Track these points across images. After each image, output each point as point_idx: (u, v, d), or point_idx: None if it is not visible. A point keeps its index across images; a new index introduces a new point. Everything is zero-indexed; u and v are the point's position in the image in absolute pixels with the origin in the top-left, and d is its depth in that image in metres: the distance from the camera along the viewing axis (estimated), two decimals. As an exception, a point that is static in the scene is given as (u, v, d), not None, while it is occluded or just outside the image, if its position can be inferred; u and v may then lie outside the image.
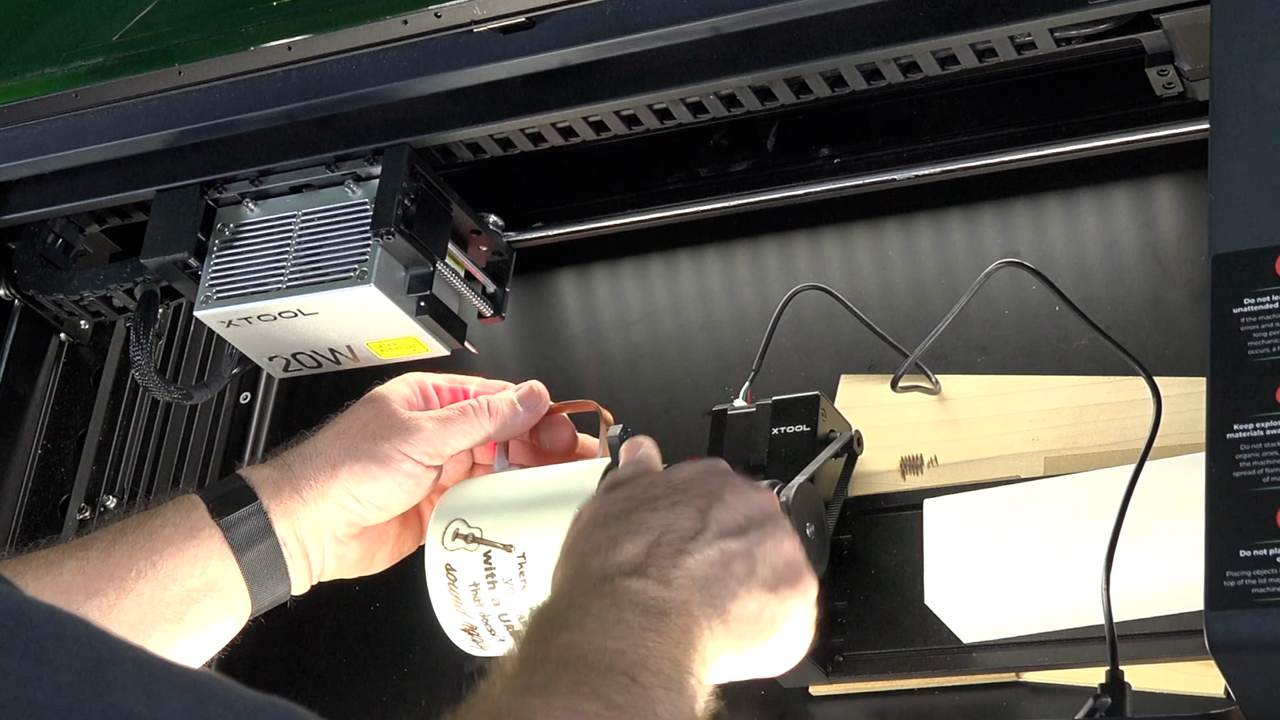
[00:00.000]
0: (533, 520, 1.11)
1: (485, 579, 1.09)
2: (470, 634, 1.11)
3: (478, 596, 1.09)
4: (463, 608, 1.10)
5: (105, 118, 1.48)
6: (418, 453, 1.14)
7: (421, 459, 1.14)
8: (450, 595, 1.10)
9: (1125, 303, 1.33)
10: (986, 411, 1.32)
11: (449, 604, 1.11)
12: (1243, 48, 1.04)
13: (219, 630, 1.13)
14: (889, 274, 1.45)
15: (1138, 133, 1.33)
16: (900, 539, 1.26)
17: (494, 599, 1.09)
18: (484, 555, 1.10)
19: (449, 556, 1.11)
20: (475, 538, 1.10)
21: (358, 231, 1.38)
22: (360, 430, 1.15)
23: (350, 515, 1.14)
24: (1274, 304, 0.96)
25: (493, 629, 1.10)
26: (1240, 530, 0.91)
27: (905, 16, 1.25)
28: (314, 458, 1.15)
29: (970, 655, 1.21)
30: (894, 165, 1.40)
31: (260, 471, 1.15)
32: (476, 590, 1.09)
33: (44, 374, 1.64)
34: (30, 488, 1.61)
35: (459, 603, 1.10)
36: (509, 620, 1.09)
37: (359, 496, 1.14)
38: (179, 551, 1.10)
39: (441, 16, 1.33)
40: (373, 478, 1.14)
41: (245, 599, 1.13)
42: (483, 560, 1.10)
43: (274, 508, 1.13)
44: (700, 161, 1.49)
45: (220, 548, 1.11)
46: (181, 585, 1.10)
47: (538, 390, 1.20)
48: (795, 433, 1.27)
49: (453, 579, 1.10)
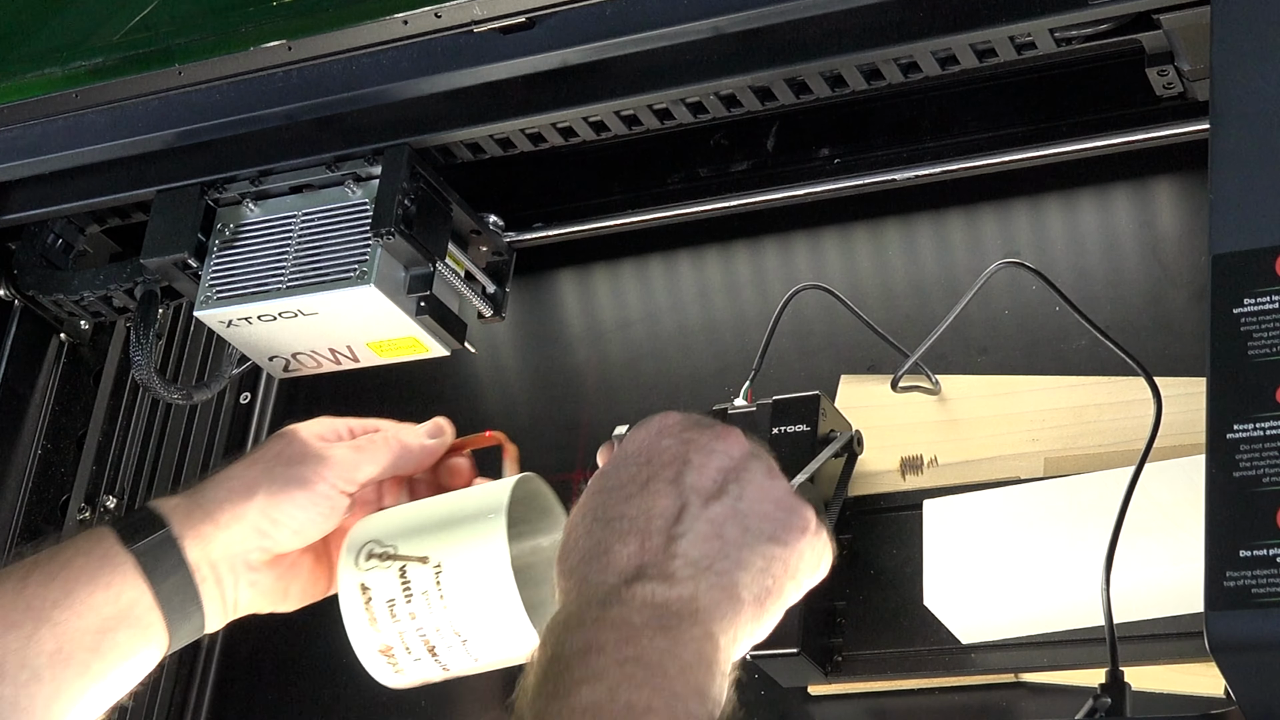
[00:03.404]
0: (447, 533, 1.11)
1: (402, 594, 1.09)
2: (386, 655, 1.10)
3: (394, 613, 1.09)
4: (379, 626, 1.10)
5: (105, 118, 1.48)
6: (333, 476, 1.14)
7: (336, 482, 1.14)
8: (366, 614, 1.10)
9: (1125, 303, 1.33)
10: (986, 411, 1.32)
11: (364, 624, 1.10)
12: (1243, 48, 1.04)
13: (138, 661, 1.11)
14: (889, 274, 1.45)
15: (1138, 133, 1.33)
16: (900, 539, 1.26)
17: (410, 613, 1.08)
18: (399, 570, 1.09)
19: (363, 576, 1.10)
20: (390, 555, 1.10)
21: (358, 231, 1.38)
22: (275, 457, 1.16)
23: (265, 540, 1.14)
24: (1274, 304, 0.96)
25: (409, 647, 1.09)
26: (1240, 530, 0.91)
27: (905, 16, 1.25)
28: (228, 482, 1.14)
29: (970, 656, 1.21)
30: (894, 165, 1.40)
31: (170, 500, 1.15)
32: (393, 606, 1.09)
33: (44, 374, 1.64)
34: (30, 488, 1.61)
35: (375, 621, 1.09)
36: (426, 636, 1.09)
37: (275, 518, 1.14)
38: (92, 580, 1.09)
39: (441, 16, 1.33)
40: (290, 499, 1.14)
41: (162, 627, 1.11)
42: (398, 575, 1.09)
43: (186, 533, 1.12)
44: (700, 161, 1.49)
45: (133, 575, 1.10)
46: (97, 614, 1.09)
47: (442, 423, 1.21)
48: (795, 432, 1.28)
49: (368, 597, 1.10)
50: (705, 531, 0.93)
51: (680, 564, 0.92)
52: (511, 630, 1.08)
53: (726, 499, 0.95)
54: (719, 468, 0.96)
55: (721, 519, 0.94)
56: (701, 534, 0.93)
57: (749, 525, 0.95)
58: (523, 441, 1.53)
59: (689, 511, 0.94)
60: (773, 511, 0.96)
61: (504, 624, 1.08)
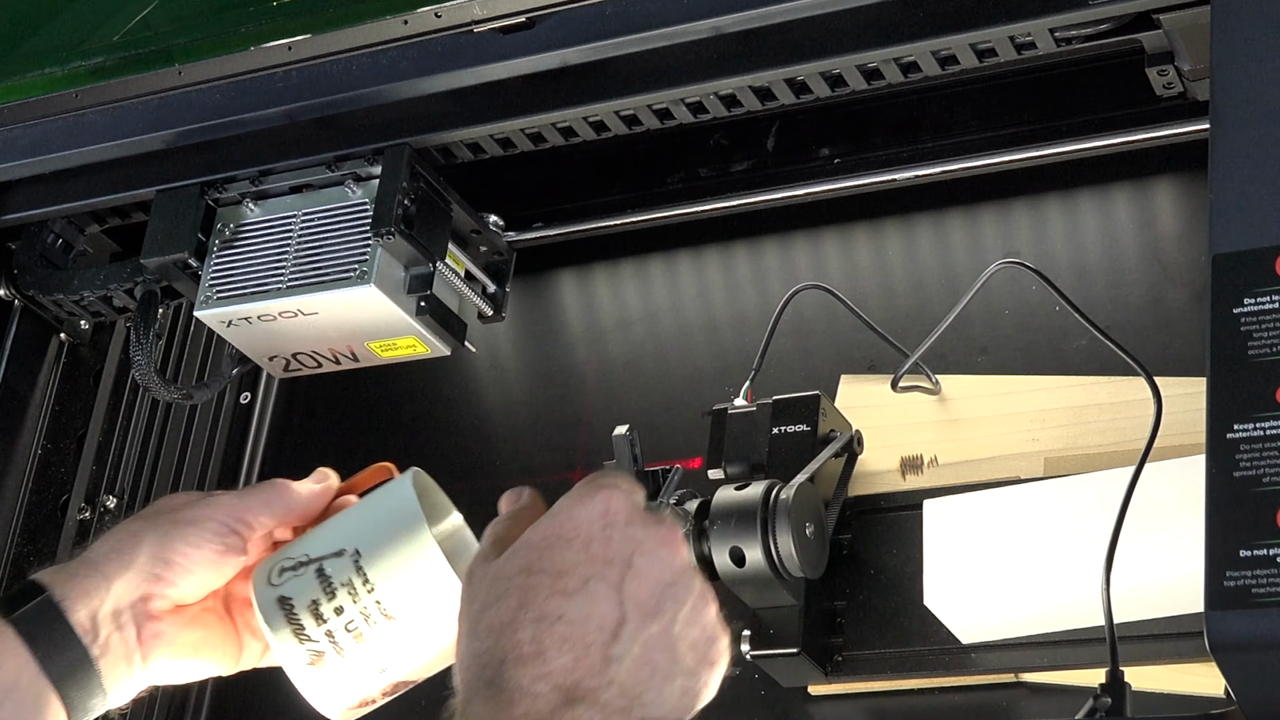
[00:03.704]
0: (356, 522, 1.09)
1: (323, 592, 1.06)
2: (317, 661, 1.06)
3: (319, 613, 1.06)
4: (305, 633, 1.06)
5: (105, 118, 1.48)
6: (221, 515, 1.10)
7: (226, 520, 1.10)
8: (290, 627, 1.06)
9: (1125, 303, 1.33)
10: (986, 411, 1.32)
11: (290, 640, 1.06)
12: (1243, 48, 1.04)
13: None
14: (889, 274, 1.45)
15: (1138, 133, 1.33)
16: (900, 539, 1.26)
17: (336, 608, 1.06)
18: (316, 570, 1.07)
19: (280, 590, 1.07)
20: (303, 562, 1.08)
21: (358, 231, 1.38)
22: (158, 510, 1.12)
23: (160, 584, 1.08)
24: (1274, 304, 0.96)
25: (341, 647, 1.06)
26: (1240, 530, 0.91)
27: (905, 16, 1.25)
28: (111, 539, 1.10)
29: (970, 655, 1.21)
30: (894, 165, 1.40)
31: (52, 568, 1.08)
32: (317, 607, 1.06)
33: (44, 374, 1.64)
34: (30, 488, 1.61)
35: (301, 630, 1.06)
36: (357, 628, 1.06)
37: (167, 559, 1.09)
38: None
39: (441, 16, 1.33)
40: (180, 536, 1.09)
41: (53, 697, 1.05)
42: (316, 575, 1.07)
43: (69, 594, 1.06)
44: (700, 161, 1.49)
45: (13, 644, 1.05)
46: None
47: (326, 470, 1.16)
48: (795, 432, 1.28)
49: (289, 608, 1.06)
50: (639, 656, 0.91)
51: (614, 693, 0.90)
52: (439, 590, 1.06)
53: (663, 619, 0.93)
54: (660, 580, 0.94)
55: (655, 644, 0.92)
56: (635, 659, 0.91)
57: (677, 655, 0.93)
58: (523, 441, 1.54)
59: (626, 629, 0.92)
60: (699, 641, 0.94)
61: (431, 584, 1.06)
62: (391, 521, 1.07)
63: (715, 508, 1.21)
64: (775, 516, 1.19)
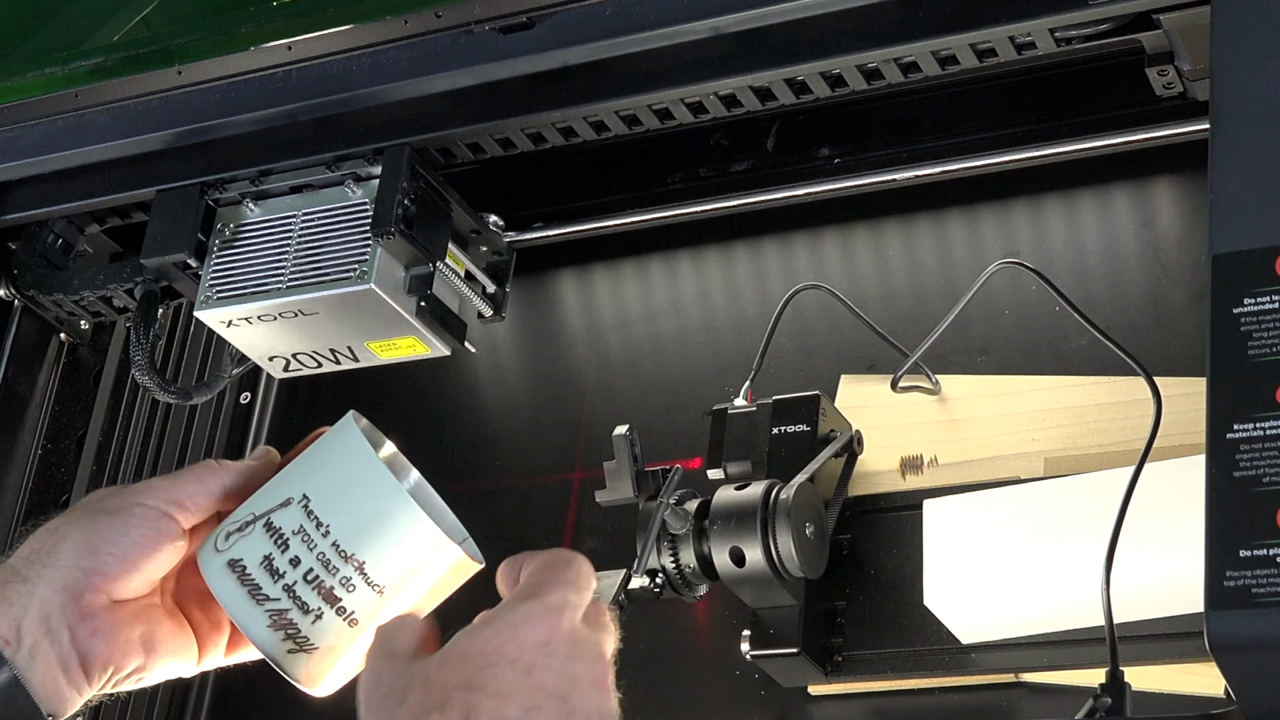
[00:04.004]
0: (296, 470, 1.04)
1: (275, 546, 1.00)
2: (282, 623, 1.00)
3: (274, 568, 1.00)
4: (263, 593, 1.00)
5: (105, 118, 1.48)
6: (151, 499, 1.04)
7: (157, 504, 1.04)
8: (244, 590, 1.00)
9: (1125, 303, 1.33)
10: (986, 411, 1.32)
11: (247, 602, 1.00)
12: (1243, 48, 1.04)
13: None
14: (889, 274, 1.45)
15: (1138, 133, 1.33)
16: (900, 539, 1.26)
17: (292, 559, 1.00)
18: (264, 525, 1.01)
19: (228, 554, 1.01)
20: (248, 521, 1.02)
21: (358, 231, 1.38)
22: (85, 500, 1.06)
23: (92, 576, 1.02)
24: (1274, 304, 0.96)
25: (304, 602, 1.00)
26: (1240, 530, 0.91)
27: (905, 16, 1.25)
28: (35, 537, 1.04)
29: (970, 656, 1.21)
30: (894, 165, 1.40)
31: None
32: (270, 562, 1.00)
33: (44, 374, 1.64)
34: (30, 488, 1.61)
35: (258, 590, 1.00)
36: (318, 579, 0.99)
37: (95, 549, 1.02)
38: None
39: (441, 16, 1.33)
40: (107, 524, 1.03)
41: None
42: (264, 530, 1.01)
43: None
44: (700, 161, 1.49)
45: None
46: None
47: (266, 448, 1.10)
48: (795, 432, 1.28)
49: (241, 570, 1.00)
50: None
51: None
52: (398, 520, 1.00)
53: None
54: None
55: None
56: None
57: None
58: (523, 441, 1.54)
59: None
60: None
61: (389, 514, 1.00)
62: (337, 459, 1.03)
63: (715, 508, 1.21)
64: (775, 516, 1.19)
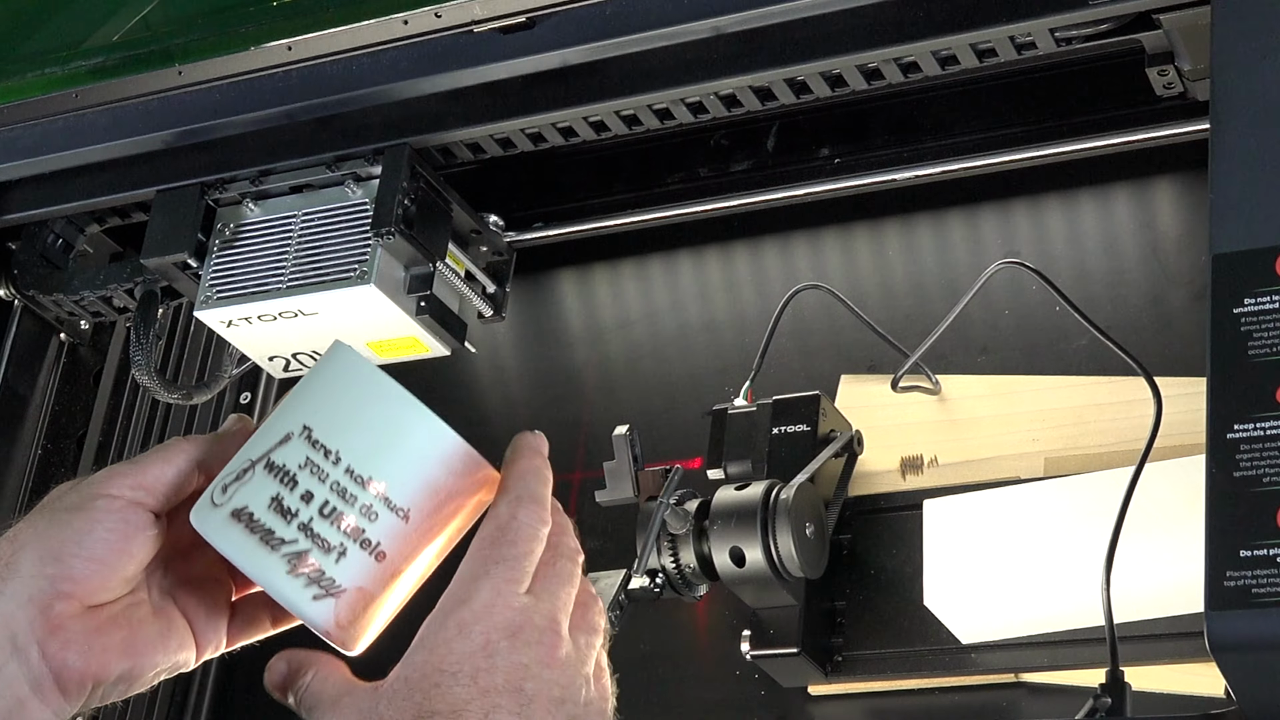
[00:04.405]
0: (293, 403, 0.94)
1: (282, 484, 0.91)
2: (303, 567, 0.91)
3: (285, 508, 0.91)
4: (277, 537, 0.90)
5: (105, 118, 1.48)
6: (114, 488, 0.95)
7: (121, 493, 0.95)
8: (254, 538, 0.91)
9: (1125, 303, 1.33)
10: (986, 411, 1.32)
11: (260, 550, 0.91)
12: (1243, 48, 1.04)
13: None
14: (889, 274, 1.45)
15: (1138, 133, 1.33)
16: (900, 539, 1.26)
17: (304, 494, 0.91)
18: (265, 467, 0.92)
19: (229, 506, 0.92)
20: (245, 469, 0.92)
21: (358, 231, 1.38)
22: (44, 501, 0.98)
23: (59, 584, 0.93)
24: (1274, 304, 0.96)
25: (320, 536, 0.90)
26: (1240, 530, 0.91)
27: (905, 16, 1.25)
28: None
29: (970, 656, 1.21)
30: (894, 165, 1.40)
31: None
32: (280, 502, 0.91)
33: (44, 374, 1.64)
34: (30, 488, 1.61)
35: (270, 535, 0.90)
36: (335, 510, 0.90)
37: (57, 554, 0.93)
38: None
39: (441, 16, 1.33)
40: (68, 525, 0.94)
41: None
42: (266, 471, 0.92)
43: None
44: (700, 161, 1.49)
45: None
46: None
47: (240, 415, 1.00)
48: (795, 432, 1.28)
49: (248, 518, 0.91)
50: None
51: None
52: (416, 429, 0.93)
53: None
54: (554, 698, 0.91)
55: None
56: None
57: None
58: (523, 441, 1.54)
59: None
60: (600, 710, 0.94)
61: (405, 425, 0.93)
62: (336, 380, 0.94)
63: (715, 508, 1.21)
64: (775, 517, 1.19)
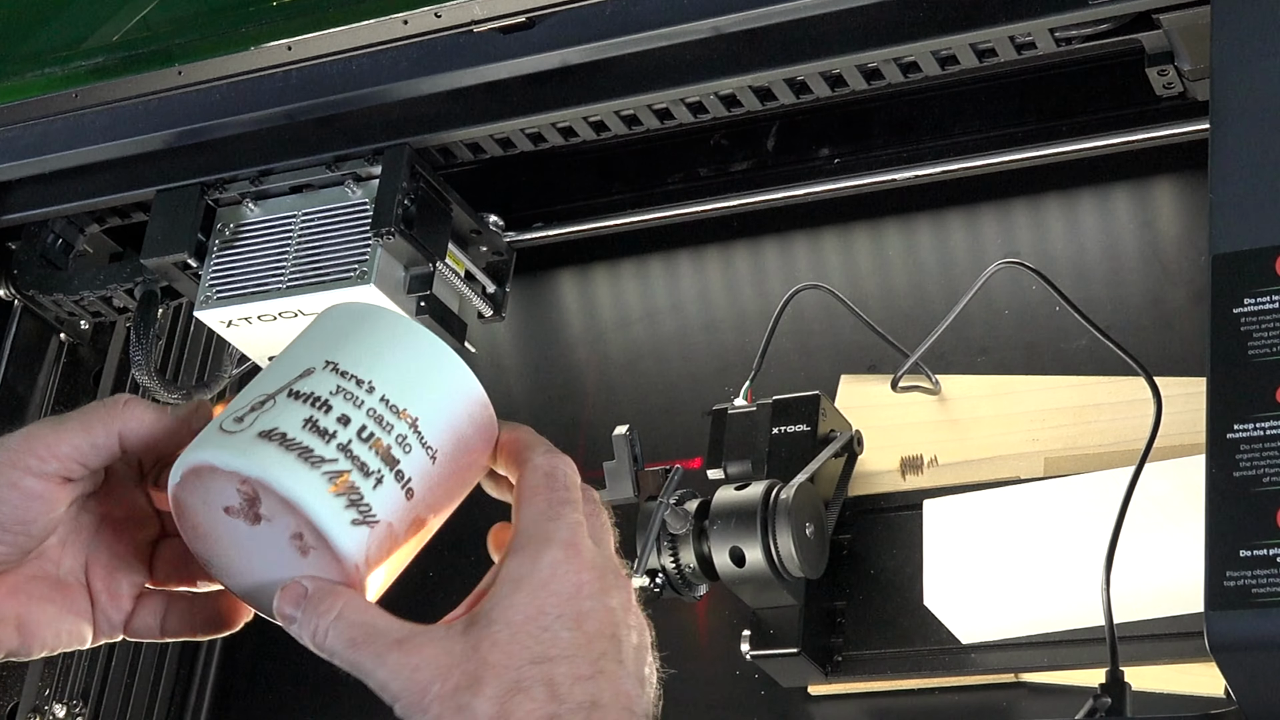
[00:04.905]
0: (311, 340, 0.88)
1: (315, 408, 0.84)
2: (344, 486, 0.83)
3: (321, 428, 0.84)
4: (316, 455, 0.83)
5: (105, 118, 1.48)
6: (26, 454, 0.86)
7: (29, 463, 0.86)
8: (291, 454, 0.83)
9: (1125, 303, 1.33)
10: (986, 411, 1.32)
11: (298, 465, 0.83)
12: (1243, 48, 1.04)
13: None
14: (889, 274, 1.45)
15: (1138, 133, 1.33)
16: (900, 539, 1.26)
17: (340, 417, 0.84)
18: (289, 395, 0.85)
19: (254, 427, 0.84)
20: (259, 400, 0.85)
21: (358, 231, 1.38)
22: None
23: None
24: (1274, 304, 0.96)
25: (360, 459, 0.84)
26: (1240, 530, 0.91)
27: (905, 16, 1.25)
28: None
29: (970, 656, 1.21)
30: (894, 165, 1.40)
31: None
32: (315, 424, 0.84)
33: (44, 374, 1.64)
34: (30, 488, 1.61)
35: (309, 452, 0.83)
36: (371, 434, 0.84)
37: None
38: None
39: (441, 16, 1.33)
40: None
41: None
42: (291, 398, 0.85)
43: None
44: (700, 161, 1.49)
45: None
46: None
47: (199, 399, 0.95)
48: (795, 432, 1.28)
49: (280, 437, 0.83)
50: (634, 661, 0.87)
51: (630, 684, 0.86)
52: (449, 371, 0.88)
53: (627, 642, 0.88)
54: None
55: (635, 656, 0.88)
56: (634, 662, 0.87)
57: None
58: (523, 441, 1.53)
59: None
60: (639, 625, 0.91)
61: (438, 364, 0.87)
62: (361, 321, 0.88)
63: (715, 508, 1.21)
64: (775, 516, 1.19)
